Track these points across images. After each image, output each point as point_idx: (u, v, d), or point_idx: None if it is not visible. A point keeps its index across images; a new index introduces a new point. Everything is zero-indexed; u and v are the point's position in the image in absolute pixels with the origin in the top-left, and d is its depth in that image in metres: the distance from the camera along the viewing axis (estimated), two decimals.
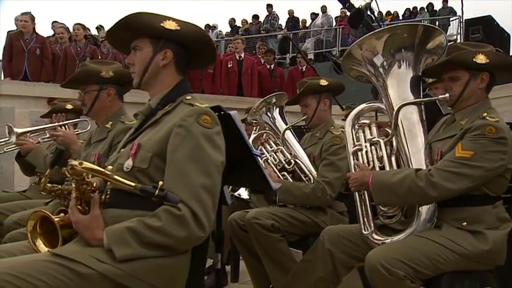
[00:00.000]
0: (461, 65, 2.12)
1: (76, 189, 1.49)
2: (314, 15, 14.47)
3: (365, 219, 2.24)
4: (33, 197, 3.63)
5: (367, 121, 2.43)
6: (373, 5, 3.55)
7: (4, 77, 6.60)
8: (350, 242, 2.27)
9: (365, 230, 2.21)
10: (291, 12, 14.09)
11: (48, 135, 3.73)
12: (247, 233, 2.82)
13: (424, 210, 2.10)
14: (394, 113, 2.20)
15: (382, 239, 2.16)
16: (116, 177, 1.33)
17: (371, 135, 2.37)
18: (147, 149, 1.60)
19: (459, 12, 14.14)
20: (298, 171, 3.02)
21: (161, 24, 1.69)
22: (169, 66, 1.74)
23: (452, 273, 1.97)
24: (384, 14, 14.15)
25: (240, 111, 2.53)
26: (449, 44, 2.31)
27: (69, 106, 3.88)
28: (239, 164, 1.69)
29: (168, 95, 1.73)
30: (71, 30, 7.67)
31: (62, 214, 1.72)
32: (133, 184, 1.34)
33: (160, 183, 1.33)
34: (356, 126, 2.45)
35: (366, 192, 2.26)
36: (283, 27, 14.26)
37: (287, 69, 10.47)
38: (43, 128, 3.51)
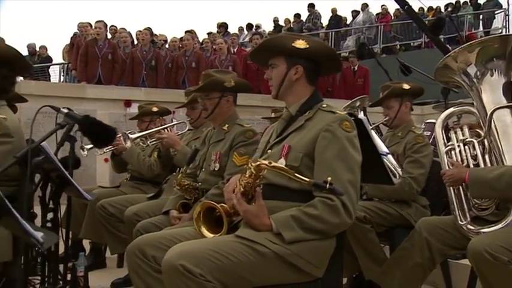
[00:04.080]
0: None
1: (249, 184, 1.78)
2: (355, 13, 14.55)
3: (459, 212, 2.47)
4: (127, 191, 3.93)
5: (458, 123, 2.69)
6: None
7: (79, 82, 7.09)
8: (445, 231, 2.49)
9: (461, 221, 2.44)
10: (334, 11, 14.21)
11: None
12: None
13: None
14: (487, 115, 2.44)
15: (476, 229, 2.40)
16: (295, 174, 1.63)
17: (463, 135, 2.61)
18: (298, 150, 1.88)
19: (505, 5, 13.99)
20: None
21: (292, 44, 1.96)
22: (301, 79, 2.02)
23: None
24: (426, 9, 14.10)
25: None
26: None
27: (154, 109, 4.25)
28: (368, 162, 1.96)
29: (305, 104, 2.01)
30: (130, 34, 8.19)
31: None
32: (307, 179, 1.63)
33: (329, 178, 1.62)
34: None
35: (460, 187, 2.52)
36: (324, 26, 14.43)
37: None
38: (150, 132, 3.86)
